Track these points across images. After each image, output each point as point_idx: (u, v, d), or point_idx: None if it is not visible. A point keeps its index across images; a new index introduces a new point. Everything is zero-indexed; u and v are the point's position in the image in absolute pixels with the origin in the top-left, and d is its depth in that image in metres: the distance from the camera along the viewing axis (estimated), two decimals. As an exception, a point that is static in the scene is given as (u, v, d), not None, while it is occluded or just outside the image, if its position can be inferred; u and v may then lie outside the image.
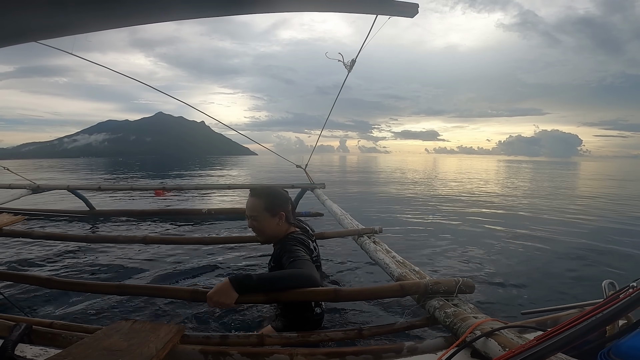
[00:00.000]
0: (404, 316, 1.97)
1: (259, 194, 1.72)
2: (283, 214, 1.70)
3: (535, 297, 2.57)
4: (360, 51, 2.57)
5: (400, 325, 1.49)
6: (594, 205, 7.88)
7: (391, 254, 2.18)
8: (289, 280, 1.41)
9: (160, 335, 1.24)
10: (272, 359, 1.20)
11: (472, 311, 1.35)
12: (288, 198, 1.79)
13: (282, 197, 1.76)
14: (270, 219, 1.69)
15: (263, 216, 1.68)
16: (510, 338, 1.08)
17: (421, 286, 1.47)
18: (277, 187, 1.87)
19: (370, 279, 2.76)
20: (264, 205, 1.68)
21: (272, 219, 1.69)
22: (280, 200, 1.74)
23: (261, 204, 1.69)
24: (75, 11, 2.24)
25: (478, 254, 3.60)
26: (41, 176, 16.05)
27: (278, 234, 1.73)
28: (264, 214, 1.68)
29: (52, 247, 3.33)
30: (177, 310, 2.00)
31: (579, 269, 3.32)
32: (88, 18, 2.53)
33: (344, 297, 1.49)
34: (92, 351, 1.13)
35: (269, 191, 1.76)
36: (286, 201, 1.76)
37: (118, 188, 6.23)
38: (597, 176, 23.38)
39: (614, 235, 4.87)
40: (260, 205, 1.68)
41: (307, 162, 4.15)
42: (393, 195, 9.28)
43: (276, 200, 1.72)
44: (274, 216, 1.69)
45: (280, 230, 1.73)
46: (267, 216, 1.68)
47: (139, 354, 1.11)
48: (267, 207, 1.68)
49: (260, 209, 1.68)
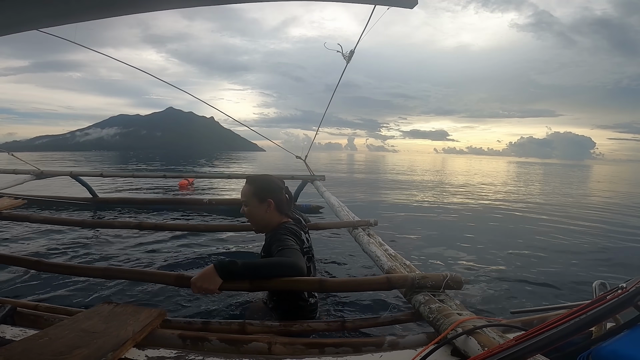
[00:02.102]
0: (389, 310, 1.95)
1: (251, 180, 1.76)
2: (271, 202, 1.70)
3: (530, 296, 2.52)
4: (358, 42, 2.53)
5: (385, 319, 1.47)
6: (600, 208, 7.74)
7: (384, 247, 2.15)
8: (274, 268, 1.39)
9: (140, 319, 1.24)
10: (250, 346, 1.20)
11: (457, 308, 1.32)
12: (281, 187, 1.78)
13: (273, 186, 1.76)
14: (258, 205, 1.70)
15: (252, 202, 1.71)
16: (492, 337, 1.05)
17: (408, 280, 1.44)
18: (273, 177, 1.87)
19: (362, 271, 2.74)
20: (253, 190, 1.71)
21: (260, 205, 1.70)
22: (269, 187, 1.74)
23: (251, 189, 1.72)
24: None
25: (478, 252, 3.55)
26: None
27: (268, 223, 1.73)
28: (253, 200, 1.70)
29: (51, 232, 3.37)
30: (164, 295, 2.01)
31: (580, 269, 3.26)
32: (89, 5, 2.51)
33: (330, 287, 1.48)
34: (69, 332, 1.13)
35: (260, 178, 1.79)
36: (277, 190, 1.75)
37: (120, 175, 6.29)
38: (608, 179, 22.99)
39: (619, 237, 4.77)
40: (250, 191, 1.72)
41: (307, 153, 4.12)
42: (395, 191, 9.22)
43: (265, 186, 1.74)
44: (261, 202, 1.69)
45: (271, 219, 1.72)
46: (255, 202, 1.70)
47: (115, 336, 1.10)
48: (256, 193, 1.70)
49: (249, 195, 1.71)
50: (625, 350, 0.89)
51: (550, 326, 0.87)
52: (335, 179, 13.15)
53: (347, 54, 2.82)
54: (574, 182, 17.41)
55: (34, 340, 1.09)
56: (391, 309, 2.00)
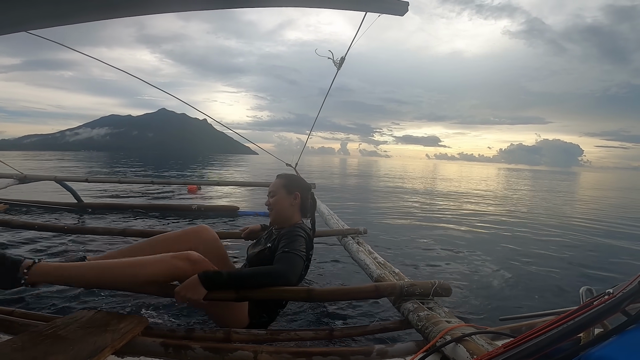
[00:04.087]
0: (378, 318, 1.93)
1: (282, 175, 1.94)
2: (298, 194, 1.84)
3: (519, 303, 2.52)
4: (349, 48, 2.55)
5: (374, 327, 1.44)
6: (587, 216, 7.88)
7: (373, 255, 2.14)
8: (263, 279, 1.39)
9: (120, 326, 1.19)
10: (235, 355, 1.16)
11: (446, 315, 1.31)
12: (309, 188, 1.93)
13: (303, 183, 1.94)
14: (285, 196, 1.83)
15: (280, 192, 1.84)
16: (481, 345, 1.04)
17: (396, 288, 1.43)
18: (303, 179, 2.05)
19: (351, 279, 2.71)
20: (284, 183, 1.87)
21: (287, 197, 1.83)
22: (298, 184, 1.91)
23: (282, 182, 1.88)
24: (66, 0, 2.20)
25: (467, 259, 3.56)
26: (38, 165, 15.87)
27: (289, 217, 1.82)
28: (281, 190, 1.84)
29: (31, 237, 3.25)
30: (147, 303, 1.94)
31: (568, 276, 3.28)
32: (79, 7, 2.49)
33: (317, 297, 1.45)
34: (45, 338, 1.08)
35: (291, 175, 1.98)
36: (306, 188, 1.91)
37: (106, 181, 6.13)
38: (594, 187, 23.48)
39: (607, 242, 4.85)
40: (280, 183, 1.87)
41: (297, 161, 4.10)
42: (386, 199, 9.25)
43: (295, 182, 1.90)
44: (289, 194, 1.83)
45: (293, 213, 1.83)
46: (283, 193, 1.84)
47: (93, 343, 1.06)
48: (286, 185, 1.86)
49: (279, 186, 1.86)
50: (613, 356, 0.90)
51: (538, 333, 0.87)
52: (328, 184, 13.14)
53: (338, 60, 2.83)
54: (561, 191, 17.73)
55: (6, 345, 1.04)
56: (380, 317, 1.97)
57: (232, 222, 4.92)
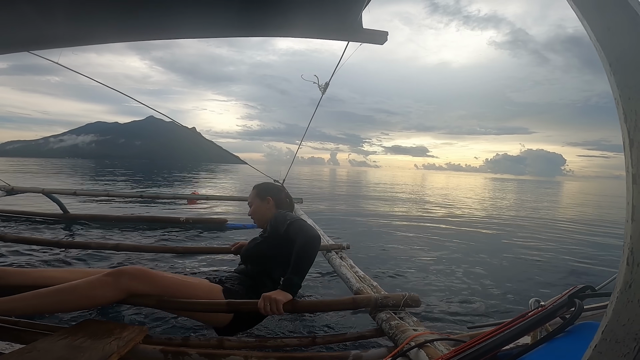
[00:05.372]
0: (355, 327, 2.10)
1: (255, 186, 2.21)
2: (270, 199, 2.10)
3: (492, 312, 2.71)
4: (332, 75, 2.75)
5: (351, 335, 1.61)
6: (565, 227, 8.24)
7: (354, 269, 2.31)
8: (306, 254, 1.60)
9: (123, 335, 1.33)
10: (228, 359, 1.31)
11: (414, 324, 1.49)
12: (279, 189, 2.23)
13: (271, 187, 2.21)
14: (260, 203, 2.10)
15: (255, 201, 2.12)
16: (440, 350, 1.22)
17: (372, 300, 1.60)
18: (273, 183, 2.33)
19: (333, 291, 2.88)
20: (256, 192, 2.14)
21: (262, 203, 2.10)
22: (268, 188, 2.18)
23: (254, 192, 2.15)
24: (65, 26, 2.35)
25: (448, 269, 3.75)
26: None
27: (269, 218, 1.99)
28: (256, 199, 2.12)
29: (24, 250, 3.31)
30: (145, 314, 2.07)
31: (544, 285, 3.50)
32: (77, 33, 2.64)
33: (301, 308, 1.61)
34: (57, 346, 1.21)
35: (262, 184, 2.25)
36: (276, 190, 2.18)
37: (94, 194, 6.15)
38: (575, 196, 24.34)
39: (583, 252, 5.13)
40: (254, 193, 2.15)
41: (285, 177, 4.26)
42: (373, 212, 9.47)
43: (265, 188, 2.17)
44: (262, 200, 2.10)
45: (271, 214, 2.03)
46: (258, 201, 2.11)
47: (101, 349, 1.19)
48: (258, 194, 2.13)
49: (253, 196, 2.14)
50: None
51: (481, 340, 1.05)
52: (316, 197, 13.28)
53: (323, 85, 3.04)
54: (543, 200, 18.36)
55: (23, 352, 1.16)
56: (358, 325, 2.15)
57: (219, 233, 5.03)
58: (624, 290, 0.41)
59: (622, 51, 0.41)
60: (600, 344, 0.46)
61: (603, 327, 0.45)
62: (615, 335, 0.44)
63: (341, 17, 2.04)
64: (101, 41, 2.53)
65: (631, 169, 0.40)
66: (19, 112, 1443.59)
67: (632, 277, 0.40)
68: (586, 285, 1.30)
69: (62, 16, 2.11)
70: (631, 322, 0.42)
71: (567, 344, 1.19)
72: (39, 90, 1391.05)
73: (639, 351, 0.43)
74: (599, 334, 0.46)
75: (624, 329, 0.43)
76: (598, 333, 0.46)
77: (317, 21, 2.13)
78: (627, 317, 0.42)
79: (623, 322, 0.42)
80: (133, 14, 1.93)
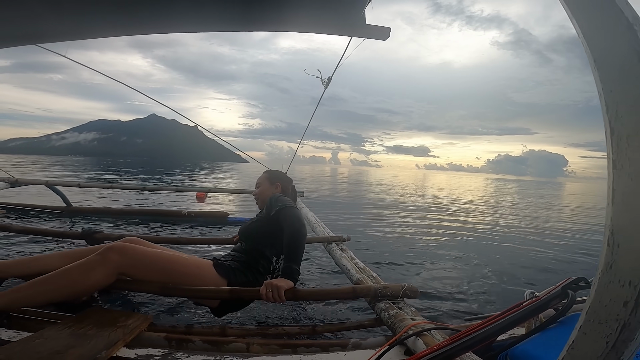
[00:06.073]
0: (355, 317, 2.14)
1: (267, 170, 2.28)
2: (279, 184, 2.17)
3: (489, 304, 2.75)
4: (335, 70, 2.77)
5: (351, 324, 1.65)
6: (563, 226, 8.26)
7: (354, 260, 2.35)
8: (296, 243, 1.61)
9: (128, 322, 1.36)
10: (230, 346, 1.34)
11: (412, 314, 1.52)
12: (290, 181, 2.27)
13: (282, 175, 2.25)
14: (268, 187, 2.16)
15: (264, 183, 2.17)
16: (437, 339, 1.25)
17: (371, 290, 1.63)
18: (284, 174, 2.34)
19: (333, 282, 2.93)
20: (267, 175, 2.20)
21: (270, 187, 2.15)
22: (279, 176, 2.23)
23: (265, 175, 2.21)
24: (72, 19, 2.37)
25: (448, 264, 3.79)
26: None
27: None
28: (265, 182, 2.17)
29: (27, 241, 3.36)
30: (149, 302, 2.12)
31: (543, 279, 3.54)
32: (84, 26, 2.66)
33: (302, 296, 1.64)
34: (63, 333, 1.25)
35: (274, 170, 2.32)
36: (287, 180, 2.24)
37: (97, 186, 6.20)
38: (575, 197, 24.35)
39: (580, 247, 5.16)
40: (264, 176, 2.21)
41: (287, 171, 4.27)
42: (373, 207, 9.51)
43: (277, 175, 2.23)
44: (271, 184, 2.16)
45: None
46: (267, 184, 2.17)
47: (107, 337, 1.23)
48: (269, 178, 2.19)
49: (263, 178, 2.20)
50: (531, 351, 1.13)
51: (477, 329, 1.08)
52: (317, 194, 13.32)
53: (325, 80, 3.05)
54: (544, 202, 18.36)
55: (30, 340, 1.20)
56: (358, 315, 2.19)
57: (221, 226, 5.08)
58: (605, 272, 0.43)
59: (606, 47, 0.43)
60: (584, 325, 0.48)
61: (587, 308, 0.47)
62: (598, 316, 0.46)
63: (345, 12, 2.05)
64: (105, 34, 2.55)
65: (612, 155, 0.42)
66: (21, 110, 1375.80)
67: (613, 258, 0.42)
68: (580, 276, 1.33)
69: (68, 9, 2.12)
70: (613, 302, 0.44)
71: (559, 334, 1.23)
72: (41, 88, 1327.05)
73: (621, 331, 0.45)
74: (583, 315, 0.48)
75: (605, 309, 0.45)
76: (582, 314, 0.48)
77: (321, 16, 2.14)
78: (608, 297, 0.44)
79: (605, 303, 0.45)
80: (136, 7, 1.94)
